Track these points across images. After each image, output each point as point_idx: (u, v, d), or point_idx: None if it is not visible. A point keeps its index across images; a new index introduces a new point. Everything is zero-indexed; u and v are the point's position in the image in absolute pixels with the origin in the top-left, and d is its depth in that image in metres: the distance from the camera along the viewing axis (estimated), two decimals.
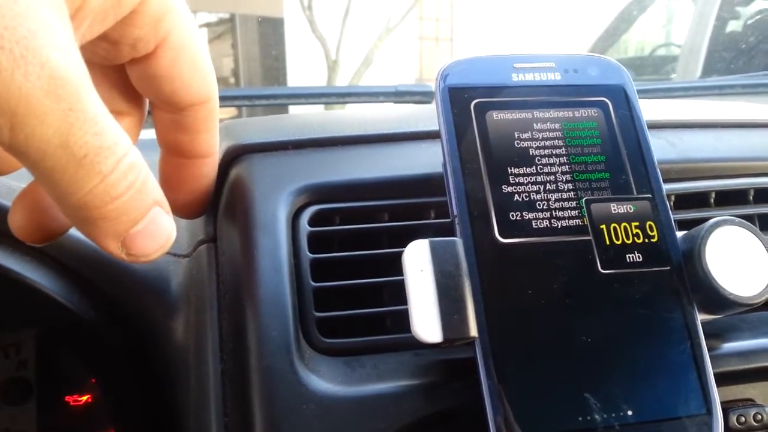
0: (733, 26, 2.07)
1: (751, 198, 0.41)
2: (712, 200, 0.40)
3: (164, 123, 0.27)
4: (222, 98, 0.30)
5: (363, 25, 4.46)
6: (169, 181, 0.28)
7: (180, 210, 0.28)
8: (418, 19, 6.47)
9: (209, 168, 0.28)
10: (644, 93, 0.86)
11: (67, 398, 0.47)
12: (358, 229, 0.36)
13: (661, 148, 0.41)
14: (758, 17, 1.96)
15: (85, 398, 0.47)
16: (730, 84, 0.83)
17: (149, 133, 0.30)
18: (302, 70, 4.96)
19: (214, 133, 0.28)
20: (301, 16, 4.46)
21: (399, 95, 0.81)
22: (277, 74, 5.23)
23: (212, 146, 0.28)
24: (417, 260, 0.29)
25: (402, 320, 0.31)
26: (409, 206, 0.37)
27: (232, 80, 5.21)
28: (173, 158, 0.28)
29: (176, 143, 0.27)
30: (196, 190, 0.28)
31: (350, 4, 4.37)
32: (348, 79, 4.31)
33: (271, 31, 5.44)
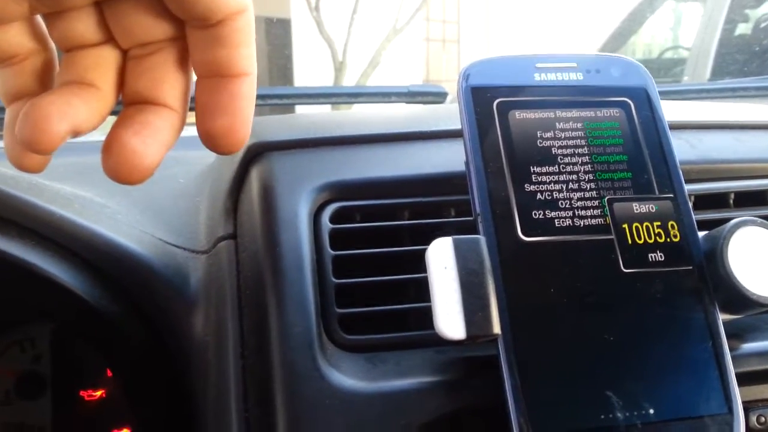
0: (743, 29, 2.07)
1: None
2: (731, 201, 0.40)
3: (200, 41, 0.26)
4: None
5: (370, 26, 4.47)
6: (207, 105, 0.26)
7: (222, 136, 0.26)
8: (425, 20, 6.48)
9: (249, 88, 0.27)
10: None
11: (82, 393, 0.48)
12: (379, 227, 0.36)
13: (681, 148, 0.41)
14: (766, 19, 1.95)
15: (99, 393, 0.48)
16: (743, 86, 0.83)
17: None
18: (309, 71, 4.96)
19: (252, 48, 0.26)
20: (308, 17, 4.47)
21: (411, 96, 0.81)
22: (284, 75, 5.24)
23: (251, 62, 0.26)
24: (441, 258, 0.30)
25: (423, 317, 0.31)
26: (430, 204, 0.37)
27: None
28: (211, 80, 0.26)
29: (214, 61, 0.26)
30: (238, 112, 0.26)
31: (357, 6, 4.37)
32: (355, 80, 4.32)
33: (278, 32, 5.45)
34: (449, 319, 0.29)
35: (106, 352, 0.45)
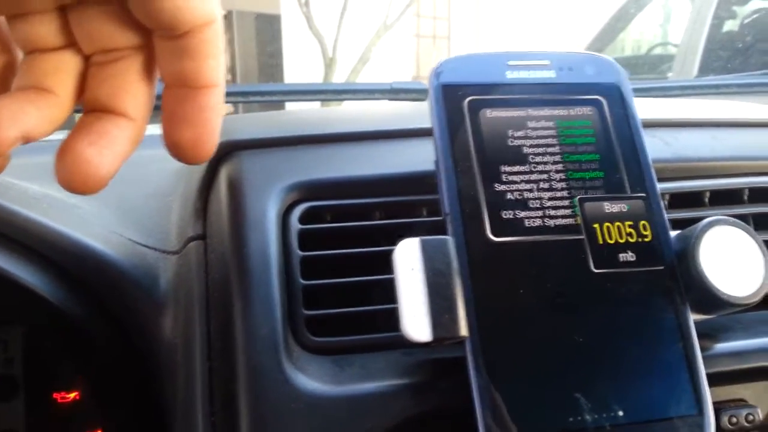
0: (730, 26, 2.08)
1: (746, 198, 0.41)
2: (706, 200, 0.40)
3: (167, 51, 0.25)
4: None
5: (360, 22, 4.45)
6: (173, 115, 0.26)
7: (188, 148, 0.26)
8: (416, 16, 6.46)
9: (216, 99, 0.26)
10: (640, 92, 0.85)
11: (55, 395, 0.47)
12: (349, 227, 0.35)
13: (656, 147, 0.40)
14: (755, 17, 1.96)
15: (72, 395, 0.47)
16: (726, 83, 0.83)
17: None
18: (299, 67, 4.94)
19: (219, 59, 0.26)
20: (298, 12, 4.45)
21: (394, 93, 0.80)
22: (274, 71, 5.22)
23: (219, 74, 0.26)
24: (407, 259, 0.29)
25: (392, 319, 0.31)
26: (402, 204, 0.37)
27: (228, 77, 5.20)
28: (178, 90, 0.26)
29: (181, 72, 0.25)
30: (203, 124, 0.26)
31: (347, 1, 4.36)
32: (345, 76, 4.30)
33: (267, 27, 5.42)
34: (415, 320, 0.28)
35: (75, 355, 0.44)
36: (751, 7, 2.06)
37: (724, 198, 0.40)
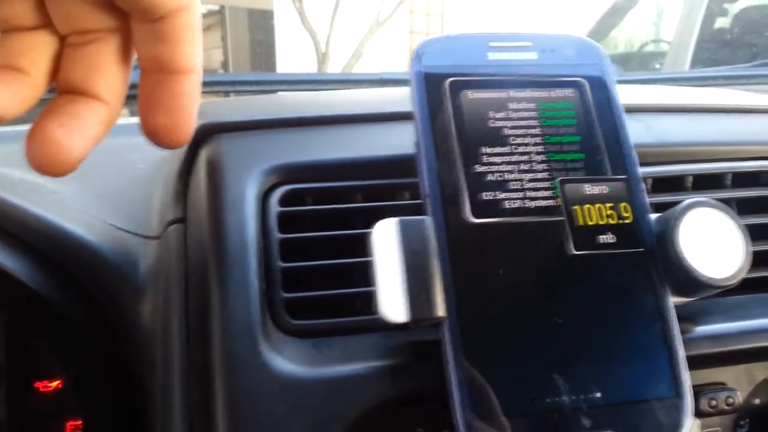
0: (722, 22, 2.08)
1: (728, 182, 0.41)
2: (689, 184, 0.40)
3: (144, 35, 0.25)
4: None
5: (353, 18, 4.44)
6: (149, 100, 0.26)
7: (163, 133, 0.26)
8: (409, 13, 6.45)
9: (192, 85, 0.26)
10: (630, 83, 0.85)
11: (37, 384, 0.46)
12: (329, 210, 0.35)
13: (639, 131, 0.40)
14: (745, 13, 1.97)
15: (55, 384, 0.46)
16: (712, 75, 0.83)
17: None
18: (292, 62, 4.93)
19: (196, 45, 0.26)
20: (291, 8, 4.43)
21: (383, 83, 0.80)
22: (267, 67, 5.20)
23: (194, 60, 0.26)
24: (385, 239, 0.29)
25: (372, 302, 0.30)
26: (384, 187, 0.36)
27: (221, 72, 5.17)
28: (154, 75, 0.26)
29: (155, 56, 0.25)
30: (179, 110, 0.26)
31: None
32: (338, 71, 4.30)
33: (261, 23, 5.40)
34: (392, 301, 0.28)
35: (57, 342, 0.44)
36: (742, 4, 2.06)
37: (707, 182, 0.40)
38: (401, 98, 0.42)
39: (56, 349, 0.44)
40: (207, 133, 0.37)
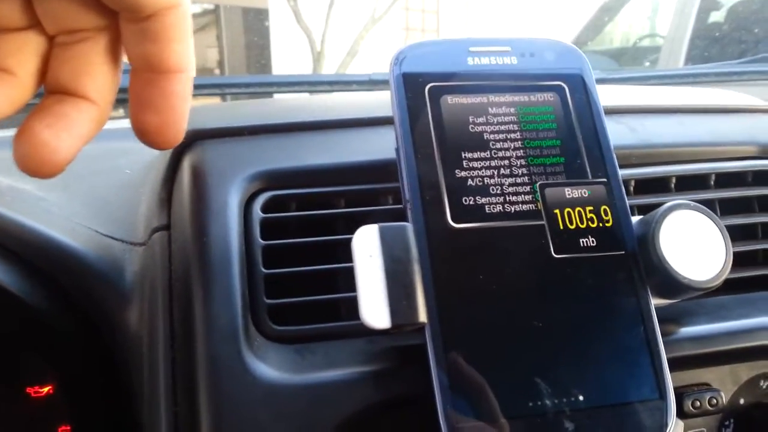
0: (716, 17, 2.08)
1: (712, 183, 0.41)
2: (672, 185, 0.40)
3: (133, 34, 0.25)
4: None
5: (348, 15, 4.43)
6: (139, 99, 0.25)
7: (153, 133, 0.25)
8: (404, 9, 6.45)
9: (183, 85, 0.26)
10: (619, 81, 0.86)
11: (29, 390, 0.46)
12: (312, 216, 0.35)
13: (622, 133, 0.40)
14: (740, 8, 1.97)
15: (46, 390, 0.47)
16: (704, 72, 0.83)
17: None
18: (287, 61, 4.92)
19: (186, 45, 0.26)
20: (285, 6, 4.42)
21: (373, 84, 0.80)
22: (262, 65, 5.19)
23: (185, 59, 0.26)
24: (366, 246, 0.29)
25: (355, 307, 0.30)
26: (366, 192, 0.37)
27: (217, 71, 5.16)
28: (144, 74, 0.25)
29: (146, 55, 0.25)
30: (170, 110, 0.26)
31: None
32: (333, 70, 4.29)
33: (255, 22, 5.40)
34: (373, 307, 0.28)
35: (45, 349, 0.44)
36: None
37: (690, 183, 0.40)
38: (384, 102, 0.43)
39: (46, 356, 0.45)
40: (190, 140, 0.37)
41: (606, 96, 0.34)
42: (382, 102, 0.44)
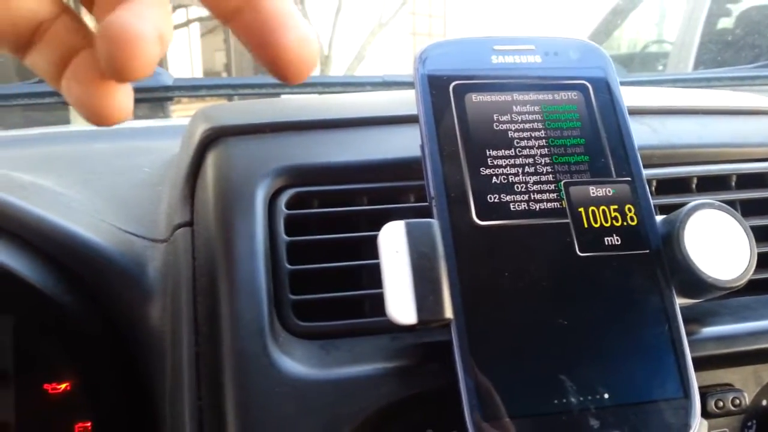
0: (725, 23, 2.08)
1: (733, 184, 0.41)
2: (694, 186, 0.40)
3: None
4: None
5: (355, 20, 4.45)
6: (263, 27, 0.24)
7: (301, 46, 0.25)
8: (411, 14, 6.46)
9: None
10: (631, 85, 0.86)
11: (46, 386, 0.47)
12: (336, 212, 0.35)
13: (644, 133, 0.40)
14: (748, 13, 1.97)
15: (63, 386, 0.47)
16: (717, 77, 0.83)
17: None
18: None
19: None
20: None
21: (386, 85, 0.80)
22: None
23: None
24: (392, 241, 0.29)
25: (379, 304, 0.30)
26: (389, 190, 0.37)
27: (224, 75, 5.18)
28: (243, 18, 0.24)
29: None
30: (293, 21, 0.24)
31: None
32: (341, 74, 4.31)
33: None
34: (400, 303, 0.28)
35: (66, 344, 0.44)
36: (746, 5, 2.06)
37: (711, 184, 0.40)
38: (406, 101, 0.43)
39: (65, 351, 0.45)
40: (214, 137, 0.38)
41: (627, 96, 0.34)
42: (402, 100, 0.44)
